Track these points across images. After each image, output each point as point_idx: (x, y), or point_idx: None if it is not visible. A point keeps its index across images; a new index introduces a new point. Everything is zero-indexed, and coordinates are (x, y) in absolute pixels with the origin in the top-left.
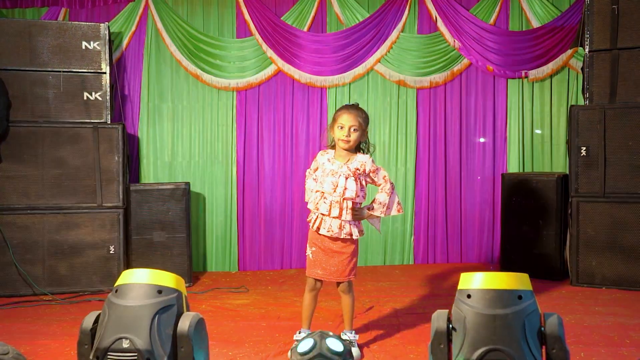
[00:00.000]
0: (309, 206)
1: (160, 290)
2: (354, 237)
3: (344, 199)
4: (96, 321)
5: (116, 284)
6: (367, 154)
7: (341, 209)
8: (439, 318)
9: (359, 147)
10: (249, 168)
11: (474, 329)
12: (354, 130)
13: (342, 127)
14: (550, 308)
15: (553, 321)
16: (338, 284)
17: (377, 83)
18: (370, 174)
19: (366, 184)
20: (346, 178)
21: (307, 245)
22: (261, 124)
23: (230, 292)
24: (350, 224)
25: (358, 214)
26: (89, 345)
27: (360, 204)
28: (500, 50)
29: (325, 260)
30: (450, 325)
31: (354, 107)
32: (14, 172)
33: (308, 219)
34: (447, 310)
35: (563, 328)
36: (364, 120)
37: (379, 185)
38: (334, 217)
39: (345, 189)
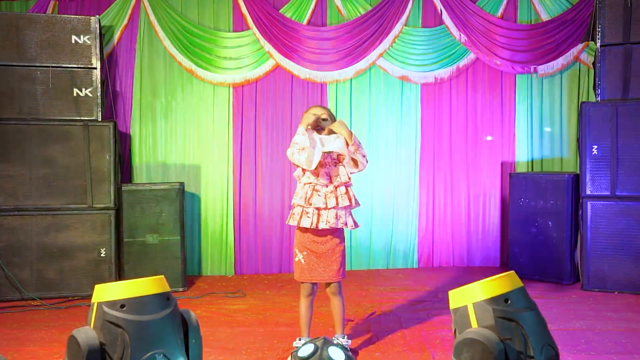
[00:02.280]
0: (294, 201)
1: (168, 297)
2: (349, 227)
3: (336, 186)
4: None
5: (114, 298)
6: None
7: (336, 197)
8: (488, 340)
9: None
10: (246, 167)
11: (532, 330)
12: (324, 119)
13: (314, 114)
14: (560, 313)
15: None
16: (327, 286)
17: (379, 79)
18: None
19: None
20: (335, 165)
21: (295, 250)
22: (259, 121)
23: (226, 297)
24: (345, 213)
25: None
26: None
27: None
28: (508, 45)
29: (317, 262)
30: (502, 338)
31: (320, 105)
32: (0, 172)
33: (288, 221)
34: (479, 331)
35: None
36: (332, 114)
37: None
38: (331, 208)
39: (337, 176)
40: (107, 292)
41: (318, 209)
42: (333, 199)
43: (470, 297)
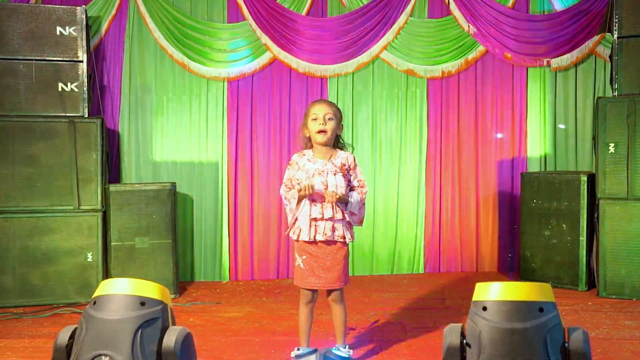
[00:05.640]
0: (290, 220)
1: (143, 302)
2: (347, 240)
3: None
4: (72, 336)
5: (94, 295)
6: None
7: (333, 209)
8: (451, 333)
9: (336, 144)
10: (242, 167)
11: (491, 344)
12: (329, 119)
13: (316, 118)
14: (575, 321)
15: (578, 336)
16: (329, 293)
17: (383, 72)
18: (350, 170)
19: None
20: (334, 174)
21: (295, 254)
22: (255, 117)
23: (220, 304)
24: (342, 226)
25: (341, 198)
26: None
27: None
28: (519, 37)
29: (318, 268)
30: (464, 341)
31: (324, 99)
32: None
33: (287, 232)
34: (460, 325)
35: (589, 344)
36: (337, 110)
37: (354, 185)
38: (327, 219)
39: (336, 186)
40: (98, 288)
41: (315, 219)
42: (329, 209)
43: (475, 294)
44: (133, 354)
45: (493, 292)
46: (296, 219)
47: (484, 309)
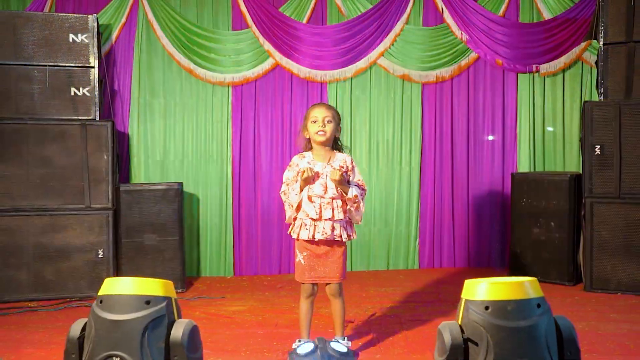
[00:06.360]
0: (288, 221)
1: (148, 301)
2: (343, 240)
3: (333, 198)
4: (83, 329)
5: (100, 293)
6: (344, 153)
7: (333, 209)
8: (451, 331)
9: (334, 146)
10: (245, 167)
11: (497, 344)
12: (328, 121)
13: (315, 121)
14: (562, 315)
15: (567, 324)
16: (328, 288)
17: (380, 78)
18: (348, 171)
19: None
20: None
21: (296, 251)
22: (258, 120)
23: (225, 298)
24: (340, 226)
25: (343, 179)
26: (76, 355)
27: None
28: (510, 43)
29: (317, 263)
30: (465, 337)
31: (323, 103)
32: None
33: (289, 232)
34: (455, 322)
35: (575, 330)
36: (336, 113)
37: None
38: (326, 220)
39: (334, 188)
40: (103, 286)
41: (313, 219)
42: (329, 210)
43: (468, 292)
44: (142, 353)
45: (492, 291)
46: (295, 218)
47: (486, 308)
